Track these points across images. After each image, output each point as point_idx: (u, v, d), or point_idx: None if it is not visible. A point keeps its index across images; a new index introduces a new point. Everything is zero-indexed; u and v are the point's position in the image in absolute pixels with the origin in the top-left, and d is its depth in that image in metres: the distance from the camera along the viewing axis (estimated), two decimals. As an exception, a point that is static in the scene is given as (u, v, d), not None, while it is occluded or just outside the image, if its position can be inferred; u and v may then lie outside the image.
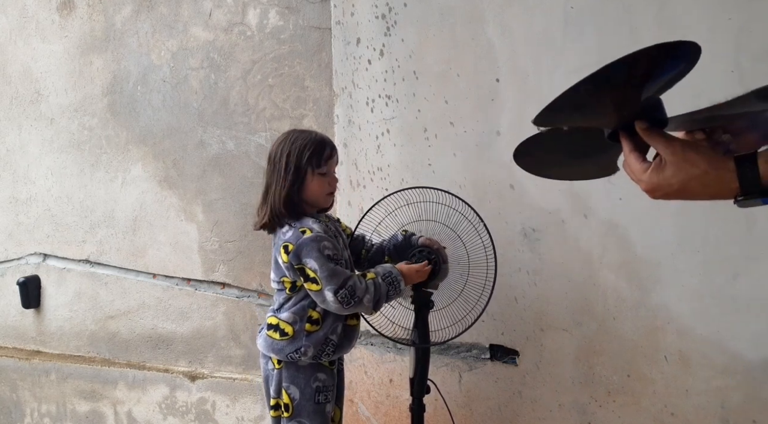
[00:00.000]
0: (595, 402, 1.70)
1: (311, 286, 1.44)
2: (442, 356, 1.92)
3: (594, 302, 1.66)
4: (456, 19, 1.77)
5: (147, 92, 2.41)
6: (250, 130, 2.24)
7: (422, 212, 1.64)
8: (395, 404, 2.00)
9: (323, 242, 1.44)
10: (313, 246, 1.43)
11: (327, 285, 1.41)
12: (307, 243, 1.43)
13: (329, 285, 1.41)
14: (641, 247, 1.58)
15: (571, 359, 1.72)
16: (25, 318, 2.83)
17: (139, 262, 2.52)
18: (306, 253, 1.43)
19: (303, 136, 1.51)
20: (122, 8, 2.42)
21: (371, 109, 1.93)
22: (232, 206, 2.31)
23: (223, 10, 2.23)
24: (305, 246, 1.43)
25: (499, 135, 1.73)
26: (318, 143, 1.49)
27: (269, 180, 1.51)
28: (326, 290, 1.41)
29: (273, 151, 1.52)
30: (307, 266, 1.43)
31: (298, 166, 1.47)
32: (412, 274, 1.52)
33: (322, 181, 1.50)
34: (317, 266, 1.42)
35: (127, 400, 2.61)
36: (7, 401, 2.92)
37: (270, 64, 2.18)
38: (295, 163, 1.46)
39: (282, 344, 1.51)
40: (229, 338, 2.39)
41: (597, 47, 1.60)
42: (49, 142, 2.66)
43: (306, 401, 1.52)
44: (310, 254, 1.43)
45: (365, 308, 1.46)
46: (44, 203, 2.71)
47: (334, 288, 1.41)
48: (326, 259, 1.42)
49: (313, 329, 1.51)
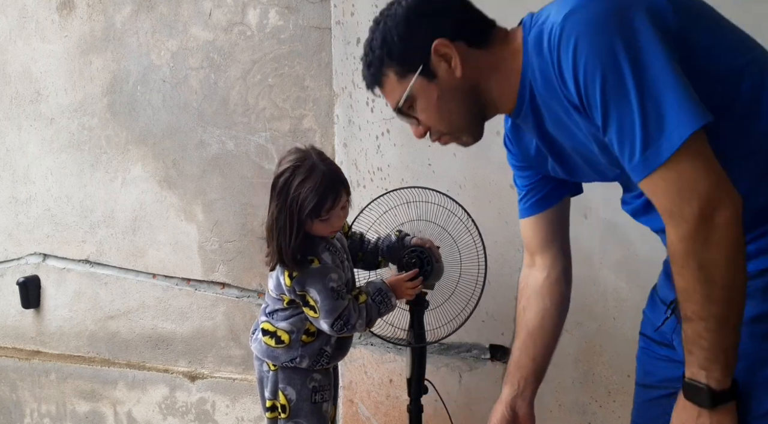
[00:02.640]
0: (596, 402, 1.71)
1: (309, 312, 1.47)
2: (442, 356, 1.92)
3: (594, 302, 1.66)
4: (456, 19, 1.76)
5: (147, 92, 2.41)
6: (250, 130, 2.23)
7: (412, 212, 1.65)
8: (395, 405, 2.00)
9: (330, 274, 1.45)
10: (318, 279, 1.44)
11: (324, 317, 1.44)
12: (313, 274, 1.44)
13: (327, 318, 1.43)
14: (641, 247, 1.57)
15: (571, 359, 1.72)
16: (24, 318, 2.83)
17: (138, 262, 2.52)
18: (310, 283, 1.44)
19: (309, 179, 1.39)
20: (122, 8, 2.42)
21: (371, 109, 1.92)
22: (232, 206, 2.31)
23: (223, 10, 2.23)
24: (310, 276, 1.44)
25: (499, 135, 1.73)
26: (321, 193, 1.39)
27: (274, 218, 1.43)
28: (323, 320, 1.44)
29: (277, 184, 1.42)
30: (309, 294, 1.44)
31: (299, 220, 1.40)
32: (402, 286, 1.53)
33: (325, 225, 1.45)
34: (319, 299, 1.43)
35: (127, 400, 2.61)
36: (7, 401, 2.92)
37: (270, 64, 2.18)
38: (297, 217, 1.40)
39: (278, 351, 1.52)
40: (229, 339, 2.39)
41: (597, 47, 1.60)
42: (48, 142, 2.66)
43: (303, 402, 1.53)
44: (315, 285, 1.43)
45: (358, 330, 1.49)
46: (44, 203, 2.71)
47: (330, 321, 1.43)
48: (329, 292, 1.43)
49: (309, 341, 1.52)
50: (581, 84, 0.81)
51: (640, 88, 0.77)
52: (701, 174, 0.77)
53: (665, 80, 0.77)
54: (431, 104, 0.99)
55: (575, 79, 0.81)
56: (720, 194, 0.77)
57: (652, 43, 0.78)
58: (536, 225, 1.19)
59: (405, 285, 1.53)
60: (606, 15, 0.80)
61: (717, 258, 0.77)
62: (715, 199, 0.77)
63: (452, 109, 0.99)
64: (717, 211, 0.76)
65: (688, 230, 0.78)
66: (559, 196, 1.18)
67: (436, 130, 1.03)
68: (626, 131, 0.79)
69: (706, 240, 0.77)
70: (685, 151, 0.76)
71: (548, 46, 0.85)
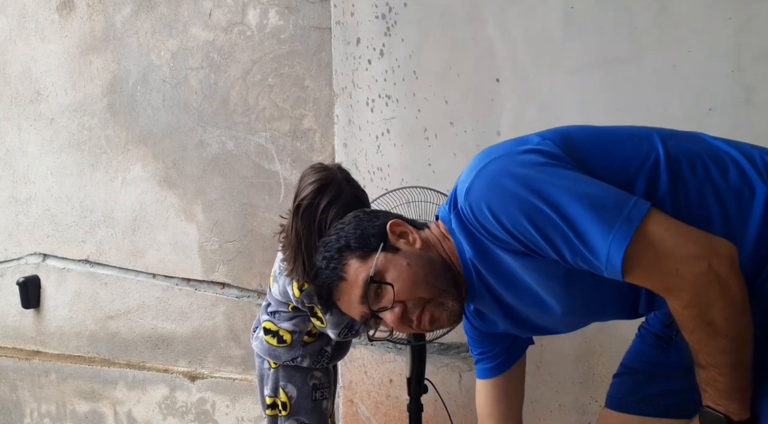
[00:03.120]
0: (596, 402, 1.71)
1: (317, 322, 1.50)
2: (442, 356, 1.92)
3: (594, 302, 1.66)
4: (456, 19, 1.76)
5: (147, 92, 2.41)
6: (250, 130, 2.24)
7: (412, 212, 1.65)
8: (395, 405, 2.00)
9: None
10: None
11: (332, 328, 1.47)
12: None
13: (334, 329, 1.47)
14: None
15: (571, 359, 1.72)
16: (24, 318, 2.83)
17: (138, 262, 2.52)
18: None
19: (335, 203, 1.34)
20: (122, 8, 2.42)
21: (371, 109, 1.93)
22: (232, 206, 2.31)
23: (223, 10, 2.23)
24: None
25: (499, 135, 1.73)
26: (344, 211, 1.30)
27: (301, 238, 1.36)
28: (330, 330, 1.47)
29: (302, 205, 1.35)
30: (318, 306, 1.46)
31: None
32: None
33: None
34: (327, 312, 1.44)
35: (127, 400, 2.61)
36: (7, 401, 2.92)
37: (270, 64, 2.18)
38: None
39: (279, 351, 1.54)
40: (228, 338, 2.39)
41: (597, 47, 1.60)
42: (48, 142, 2.66)
43: (303, 399, 1.55)
44: None
45: (362, 333, 1.52)
46: (44, 203, 2.71)
47: (337, 331, 1.47)
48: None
49: (311, 341, 1.55)
50: (515, 233, 0.83)
51: (562, 218, 0.79)
52: (673, 245, 0.77)
53: (577, 205, 0.78)
54: (403, 271, 0.94)
55: (508, 232, 0.84)
56: (705, 250, 0.77)
57: (547, 175, 0.81)
58: (497, 390, 1.19)
59: None
60: (497, 173, 0.85)
61: (724, 314, 0.77)
62: (703, 256, 0.76)
63: (427, 273, 0.94)
64: (712, 266, 0.76)
65: (689, 298, 0.77)
66: (518, 355, 1.19)
67: (415, 299, 0.94)
68: (579, 253, 0.80)
69: (708, 300, 0.76)
70: (642, 242, 0.77)
71: (470, 223, 0.88)
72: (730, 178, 0.85)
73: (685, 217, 0.82)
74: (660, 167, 0.85)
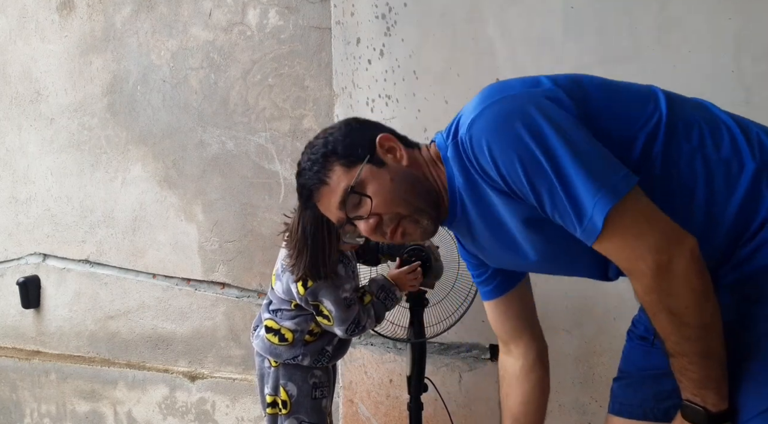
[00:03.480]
0: (596, 402, 1.71)
1: (323, 320, 1.51)
2: (442, 356, 1.92)
3: (594, 302, 1.66)
4: (456, 19, 1.77)
5: (147, 92, 2.41)
6: (250, 130, 2.24)
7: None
8: (395, 404, 2.00)
9: (343, 285, 1.49)
10: (332, 290, 1.48)
11: (338, 325, 1.49)
12: (327, 285, 1.47)
13: (341, 326, 1.48)
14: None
15: (571, 359, 1.73)
16: (24, 318, 2.83)
17: (138, 262, 2.52)
18: (324, 294, 1.47)
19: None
20: (122, 8, 2.42)
21: (371, 109, 1.93)
22: (232, 206, 2.31)
23: (223, 10, 2.23)
24: (324, 288, 1.48)
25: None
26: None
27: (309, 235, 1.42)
28: (337, 327, 1.49)
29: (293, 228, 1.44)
30: (324, 304, 1.48)
31: (338, 242, 1.45)
32: (404, 278, 1.57)
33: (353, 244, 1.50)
34: (333, 308, 1.47)
35: (127, 400, 2.61)
36: (7, 401, 2.92)
37: (270, 64, 2.18)
38: (337, 240, 1.44)
39: (280, 349, 1.55)
40: (229, 339, 2.39)
41: (597, 47, 1.60)
42: (48, 142, 2.66)
43: (304, 398, 1.56)
44: (329, 297, 1.47)
45: (368, 329, 1.54)
46: (44, 203, 2.71)
47: (344, 328, 1.49)
48: (342, 301, 1.48)
49: (312, 340, 1.56)
50: (505, 174, 0.84)
51: (555, 170, 0.80)
52: (644, 229, 0.78)
53: (574, 161, 0.79)
54: (385, 186, 0.95)
55: (498, 172, 0.84)
56: (670, 243, 0.78)
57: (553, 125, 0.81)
58: (501, 310, 1.19)
59: (407, 277, 1.57)
60: (506, 113, 0.85)
61: (685, 303, 0.78)
62: (666, 249, 0.77)
63: (408, 190, 0.96)
64: (672, 259, 0.77)
65: (649, 283, 0.79)
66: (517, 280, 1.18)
67: (392, 214, 0.96)
68: (560, 207, 0.81)
69: (669, 290, 0.78)
70: (619, 214, 0.78)
71: (465, 155, 0.89)
72: (722, 150, 0.86)
73: (673, 181, 0.84)
74: (660, 129, 0.86)
